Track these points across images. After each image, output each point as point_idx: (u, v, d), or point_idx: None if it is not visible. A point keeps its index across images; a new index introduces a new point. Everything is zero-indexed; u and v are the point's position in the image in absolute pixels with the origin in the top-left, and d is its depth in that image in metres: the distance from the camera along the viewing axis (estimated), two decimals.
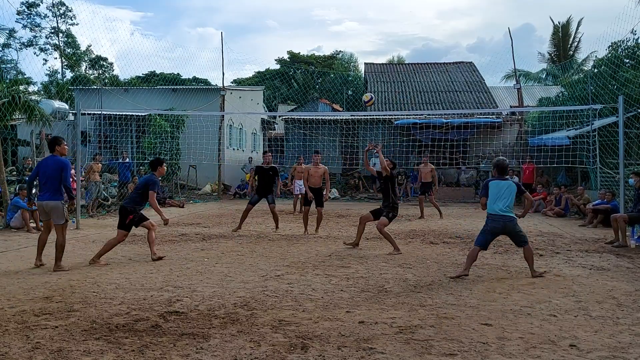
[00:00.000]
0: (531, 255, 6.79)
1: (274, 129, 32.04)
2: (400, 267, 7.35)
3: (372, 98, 11.49)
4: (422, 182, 14.26)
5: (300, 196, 14.12)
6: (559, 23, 37.79)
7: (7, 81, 15.69)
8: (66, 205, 7.25)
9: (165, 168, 8.31)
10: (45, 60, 40.36)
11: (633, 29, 16.44)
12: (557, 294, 5.84)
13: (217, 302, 5.42)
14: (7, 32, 32.49)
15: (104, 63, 40.55)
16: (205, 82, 33.14)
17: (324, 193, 11.05)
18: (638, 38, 17.03)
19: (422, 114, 21.36)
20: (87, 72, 39.75)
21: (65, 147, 7.44)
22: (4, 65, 15.62)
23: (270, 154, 11.77)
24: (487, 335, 4.39)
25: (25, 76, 17.01)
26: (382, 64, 32.84)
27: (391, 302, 5.47)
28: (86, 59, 40.54)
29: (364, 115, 22.67)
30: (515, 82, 23.00)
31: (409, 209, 16.72)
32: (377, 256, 8.20)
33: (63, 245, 7.12)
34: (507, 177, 7.00)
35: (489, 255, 8.37)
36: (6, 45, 35.10)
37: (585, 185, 16.17)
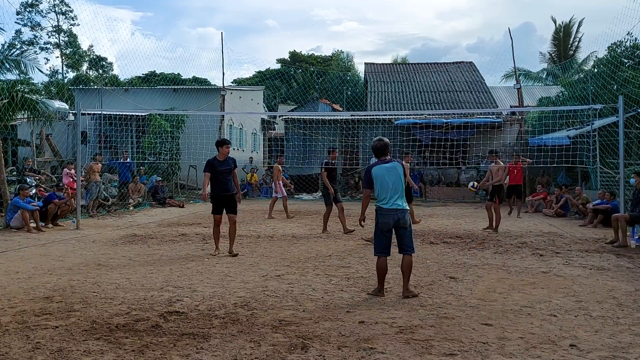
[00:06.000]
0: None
1: (274, 129, 32.05)
2: None
3: None
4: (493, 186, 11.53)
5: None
6: (562, 23, 37.83)
7: (10, 81, 15.68)
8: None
9: None
10: (47, 60, 40.44)
11: (629, 31, 16.50)
12: (557, 294, 5.84)
13: (218, 302, 5.42)
14: (13, 33, 32.53)
15: (104, 63, 40.62)
16: (206, 82, 33.13)
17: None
18: (636, 39, 17.07)
19: (422, 114, 21.36)
20: (88, 72, 39.80)
21: None
22: (15, 61, 15.62)
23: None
24: (487, 335, 4.39)
25: (27, 76, 17.01)
26: (382, 64, 32.76)
27: (391, 302, 5.47)
28: (87, 59, 40.60)
29: (364, 115, 22.67)
30: (515, 82, 22.99)
31: None
32: None
33: None
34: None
35: (489, 255, 8.37)
36: (11, 45, 35.22)
37: (585, 185, 16.16)
